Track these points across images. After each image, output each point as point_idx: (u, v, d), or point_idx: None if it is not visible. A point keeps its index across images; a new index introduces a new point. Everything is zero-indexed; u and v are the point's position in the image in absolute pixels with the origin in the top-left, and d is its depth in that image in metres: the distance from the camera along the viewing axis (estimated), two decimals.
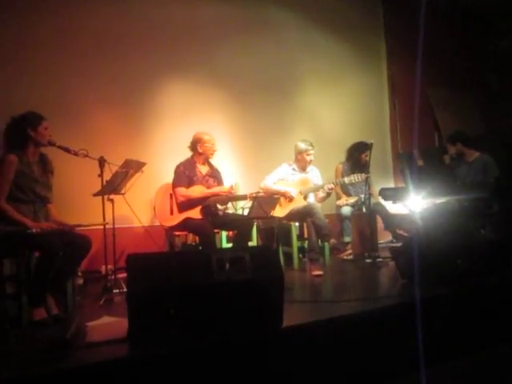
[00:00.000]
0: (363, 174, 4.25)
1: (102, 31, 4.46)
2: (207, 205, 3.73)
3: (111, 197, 3.33)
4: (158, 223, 3.92)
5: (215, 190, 3.81)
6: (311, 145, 4.38)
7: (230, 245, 4.16)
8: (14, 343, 2.26)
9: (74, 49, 4.32)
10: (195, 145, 3.86)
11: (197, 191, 3.75)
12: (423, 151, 4.70)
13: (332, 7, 5.82)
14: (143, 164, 3.39)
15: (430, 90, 6.45)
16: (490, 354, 2.54)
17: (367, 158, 4.66)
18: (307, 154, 4.36)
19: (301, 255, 4.48)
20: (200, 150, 3.85)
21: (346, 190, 4.79)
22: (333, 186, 4.20)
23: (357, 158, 4.70)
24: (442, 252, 3.03)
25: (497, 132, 6.23)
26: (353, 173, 4.43)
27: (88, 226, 2.94)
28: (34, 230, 2.60)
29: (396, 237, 4.78)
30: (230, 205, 4.12)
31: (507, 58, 6.50)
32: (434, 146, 6.33)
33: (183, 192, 3.73)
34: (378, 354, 2.32)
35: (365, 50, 6.07)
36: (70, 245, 2.72)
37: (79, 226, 2.90)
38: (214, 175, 3.96)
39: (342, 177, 4.49)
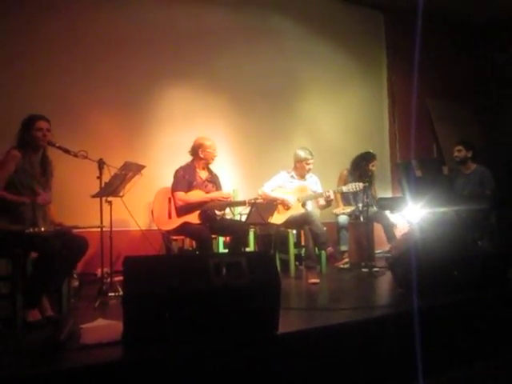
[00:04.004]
0: (360, 183, 4.25)
1: (104, 35, 4.48)
2: (206, 210, 3.72)
3: (109, 199, 3.33)
4: (155, 227, 3.91)
5: (213, 195, 3.81)
6: (311, 154, 4.36)
7: (226, 250, 4.15)
8: (7, 344, 2.24)
9: (77, 51, 4.34)
10: (196, 150, 3.86)
11: (196, 196, 3.75)
12: (422, 161, 4.70)
13: (333, 17, 5.87)
14: (142, 167, 3.39)
15: (430, 101, 6.49)
16: (487, 365, 2.53)
17: (374, 168, 4.67)
18: (306, 163, 4.35)
19: (297, 263, 4.47)
20: (201, 155, 3.85)
21: (345, 198, 4.79)
22: (330, 195, 4.19)
23: (364, 168, 4.69)
24: (439, 262, 3.03)
25: (495, 145, 6.26)
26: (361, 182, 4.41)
27: (85, 228, 2.93)
28: (31, 230, 2.59)
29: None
30: (228, 210, 4.12)
31: (507, 71, 6.55)
32: (432, 156, 6.35)
33: (182, 196, 3.72)
34: (374, 363, 2.31)
35: (365, 60, 6.11)
36: (67, 246, 2.71)
37: (76, 227, 2.89)
38: (213, 181, 3.96)
39: (345, 184, 4.47)
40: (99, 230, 3.22)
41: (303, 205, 4.31)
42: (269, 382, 2.09)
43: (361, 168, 4.71)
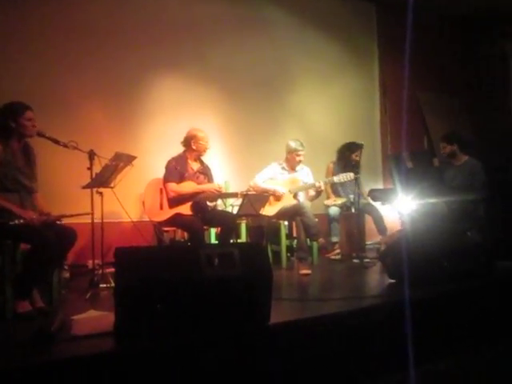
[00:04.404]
0: (351, 174, 4.26)
1: (94, 23, 4.42)
2: (198, 201, 3.71)
3: (100, 190, 3.29)
4: (146, 218, 3.90)
5: (205, 186, 3.80)
6: (302, 145, 4.37)
7: None
8: None
9: (67, 41, 4.28)
10: (189, 141, 3.84)
11: (188, 187, 3.74)
12: (412, 153, 4.73)
13: (326, 8, 5.84)
14: (133, 157, 3.36)
15: (420, 93, 6.50)
16: (476, 356, 2.57)
17: (358, 158, 4.68)
18: (297, 155, 4.36)
19: (289, 254, 4.49)
20: (193, 147, 3.83)
21: (335, 190, 4.80)
22: (321, 185, 4.20)
23: (348, 157, 4.71)
24: (429, 253, 3.06)
25: (486, 138, 6.31)
26: (343, 172, 4.44)
27: (72, 215, 2.87)
28: (16, 222, 2.55)
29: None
30: (219, 202, 4.11)
31: (497, 65, 6.59)
32: (423, 148, 6.38)
33: (174, 187, 3.71)
34: (365, 353, 2.34)
35: (357, 51, 6.10)
36: (56, 236, 2.68)
37: (64, 216, 2.83)
38: (205, 172, 3.95)
39: (332, 176, 4.49)
40: (90, 221, 3.19)
41: (295, 196, 4.32)
42: (260, 373, 2.10)
43: (345, 158, 4.72)
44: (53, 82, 4.18)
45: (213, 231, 4.21)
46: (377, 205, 4.59)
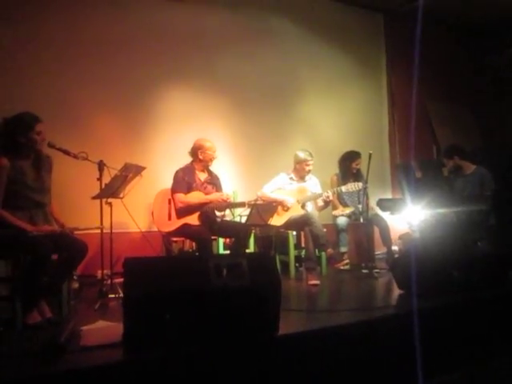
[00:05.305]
0: (360, 183, 4.25)
1: (104, 35, 4.48)
2: (205, 211, 3.72)
3: (109, 200, 3.32)
4: (155, 228, 3.91)
5: (213, 196, 3.81)
6: (310, 155, 4.38)
7: (226, 252, 4.14)
8: (6, 346, 2.23)
9: (77, 52, 4.34)
10: (196, 151, 3.86)
11: (195, 197, 3.75)
12: (421, 163, 4.71)
13: (333, 18, 5.88)
14: (142, 168, 3.39)
15: (429, 103, 6.50)
16: (486, 367, 2.53)
17: (358, 167, 4.68)
18: (306, 165, 4.37)
19: (297, 264, 4.47)
20: (200, 157, 3.85)
21: (341, 200, 4.78)
22: (329, 195, 4.19)
23: (348, 166, 4.71)
24: (439, 264, 3.03)
25: (494, 146, 6.27)
26: (345, 182, 4.43)
27: (85, 229, 2.91)
28: (35, 233, 2.55)
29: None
30: (228, 212, 4.12)
31: (505, 74, 6.57)
32: (432, 158, 6.36)
33: (182, 198, 3.73)
34: (374, 364, 2.31)
35: (365, 61, 6.12)
36: (67, 249, 2.69)
37: (76, 229, 2.84)
38: (213, 182, 3.97)
39: (338, 187, 4.48)
40: (99, 231, 3.21)
41: (303, 206, 4.31)
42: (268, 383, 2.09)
43: (345, 167, 4.72)
44: (63, 93, 4.23)
45: (221, 241, 4.21)
46: (385, 215, 4.56)
